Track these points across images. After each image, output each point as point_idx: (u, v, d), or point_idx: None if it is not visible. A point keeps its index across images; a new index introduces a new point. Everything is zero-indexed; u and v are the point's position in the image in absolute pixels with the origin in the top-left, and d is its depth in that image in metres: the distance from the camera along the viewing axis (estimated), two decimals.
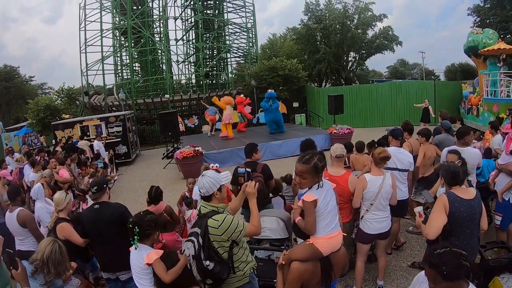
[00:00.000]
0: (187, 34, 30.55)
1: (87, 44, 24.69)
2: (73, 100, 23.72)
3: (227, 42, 29.67)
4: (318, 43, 29.38)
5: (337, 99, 13.87)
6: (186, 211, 4.91)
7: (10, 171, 9.36)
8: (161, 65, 30.61)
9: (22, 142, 19.92)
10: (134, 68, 29.42)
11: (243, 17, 29.00)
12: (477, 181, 5.14)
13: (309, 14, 29.74)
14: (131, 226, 2.73)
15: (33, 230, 3.99)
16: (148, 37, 26.09)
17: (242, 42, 30.12)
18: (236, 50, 30.29)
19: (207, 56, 29.75)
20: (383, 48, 29.93)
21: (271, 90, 14.42)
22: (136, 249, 2.75)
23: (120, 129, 14.57)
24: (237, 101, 15.51)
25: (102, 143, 13.01)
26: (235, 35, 30.40)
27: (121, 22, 26.20)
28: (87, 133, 13.97)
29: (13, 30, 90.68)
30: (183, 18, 30.03)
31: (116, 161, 13.22)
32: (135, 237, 2.72)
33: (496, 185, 4.48)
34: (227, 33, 30.26)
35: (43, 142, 19.00)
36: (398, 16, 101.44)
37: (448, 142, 5.59)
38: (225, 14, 29.90)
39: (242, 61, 32.15)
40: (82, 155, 10.22)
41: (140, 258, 2.71)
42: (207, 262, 2.41)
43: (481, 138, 7.77)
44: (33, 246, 3.90)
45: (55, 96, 24.66)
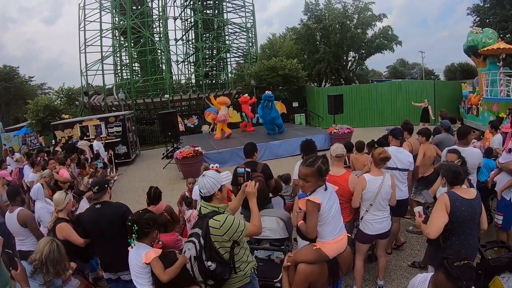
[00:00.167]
0: (186, 34, 30.55)
1: (86, 44, 24.68)
2: (72, 100, 23.69)
3: (227, 42, 29.64)
4: (318, 43, 29.40)
5: (337, 99, 13.87)
6: (186, 211, 4.91)
7: (10, 171, 9.36)
8: (160, 65, 30.62)
9: (21, 142, 19.91)
10: (134, 68, 29.39)
11: (242, 17, 29.02)
12: (477, 180, 5.15)
13: (309, 14, 29.78)
14: (129, 224, 2.73)
15: (34, 229, 3.99)
16: (148, 37, 26.07)
17: (241, 42, 30.12)
18: (236, 50, 30.27)
19: (207, 56, 29.75)
20: (383, 48, 29.96)
21: (269, 92, 14.26)
22: (134, 248, 2.75)
23: (119, 129, 14.55)
24: (241, 101, 15.54)
25: (102, 143, 13.01)
26: (235, 35, 30.40)
27: (121, 22, 26.18)
28: (87, 133, 13.95)
29: (13, 30, 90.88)
30: (183, 18, 30.02)
31: (116, 161, 13.20)
32: (133, 235, 2.72)
33: (496, 184, 4.48)
34: (226, 33, 30.22)
35: (42, 143, 18.99)
36: (398, 15, 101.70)
37: (448, 141, 5.59)
38: (225, 14, 29.88)
39: (241, 61, 32.13)
40: (82, 155, 10.22)
41: (138, 257, 2.71)
42: (208, 263, 2.40)
43: (481, 138, 7.76)
44: (34, 246, 3.89)
45: (54, 96, 24.63)
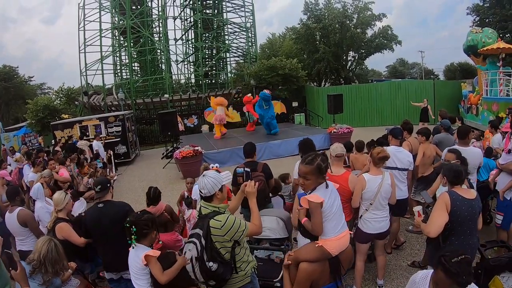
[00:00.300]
0: (186, 33, 30.57)
1: (86, 44, 24.68)
2: (72, 100, 23.69)
3: (226, 42, 29.63)
4: (318, 42, 29.39)
5: (337, 99, 13.86)
6: (186, 211, 4.91)
7: (10, 171, 9.36)
8: (160, 65, 30.64)
9: (21, 142, 19.92)
10: (133, 68, 29.39)
11: (242, 16, 29.05)
12: (477, 180, 5.15)
13: (309, 13, 29.77)
14: (128, 225, 2.73)
15: (34, 229, 3.98)
16: (147, 36, 26.06)
17: (241, 42, 30.14)
18: (236, 49, 30.29)
19: (206, 56, 29.76)
20: (383, 48, 29.95)
21: (266, 91, 14.20)
22: (134, 249, 2.74)
23: (119, 129, 14.54)
24: (245, 101, 15.51)
25: (102, 143, 13.00)
26: (234, 34, 30.41)
27: (120, 22, 26.17)
28: (86, 133, 13.94)
29: (12, 30, 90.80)
30: (182, 17, 30.04)
31: (116, 161, 13.18)
32: (133, 237, 2.71)
33: (497, 185, 4.47)
34: (226, 33, 30.23)
35: (41, 143, 18.97)
36: (398, 15, 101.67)
37: (447, 141, 5.59)
38: (224, 14, 29.91)
39: (241, 61, 32.13)
40: (81, 155, 10.21)
41: (137, 258, 2.71)
42: (210, 263, 2.38)
43: (481, 138, 7.77)
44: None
45: (54, 96, 24.63)
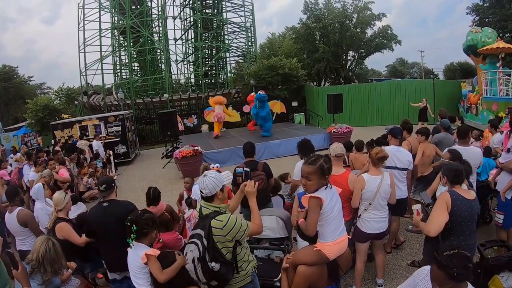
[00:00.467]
0: (186, 33, 30.58)
1: (86, 43, 24.69)
2: (72, 100, 23.68)
3: (226, 42, 29.63)
4: (317, 42, 29.39)
5: (336, 98, 13.87)
6: (187, 210, 4.91)
7: (10, 171, 9.37)
8: (160, 65, 30.64)
9: (21, 142, 19.91)
10: (133, 67, 29.37)
11: (242, 16, 29.05)
12: (476, 179, 5.15)
13: (308, 13, 29.75)
14: (128, 224, 2.73)
15: (34, 229, 3.98)
16: (147, 36, 26.04)
17: (241, 42, 30.17)
18: (235, 49, 30.28)
19: (206, 56, 29.76)
20: (382, 47, 29.92)
21: (262, 91, 14.10)
22: (133, 248, 2.75)
23: (119, 128, 14.53)
24: (249, 99, 15.69)
25: (101, 143, 13.00)
26: (234, 34, 30.43)
27: (120, 22, 26.15)
28: (86, 133, 13.94)
29: (12, 30, 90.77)
30: (182, 17, 30.03)
31: (115, 160, 13.19)
32: (132, 236, 2.72)
33: (497, 184, 4.47)
34: (226, 33, 30.24)
35: (40, 143, 18.96)
36: (397, 15, 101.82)
37: (447, 141, 5.59)
38: (224, 14, 29.89)
39: (241, 61, 32.12)
40: (81, 155, 10.22)
41: (136, 257, 2.72)
42: (212, 264, 2.38)
43: (480, 138, 7.77)
44: None
45: (54, 96, 24.62)
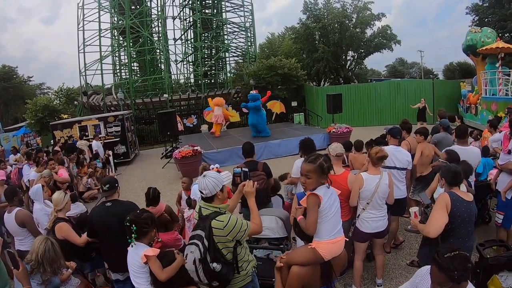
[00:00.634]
0: (185, 33, 30.56)
1: (85, 44, 24.67)
2: (71, 100, 23.68)
3: (226, 42, 29.64)
4: (317, 42, 29.39)
5: (336, 98, 13.88)
6: (187, 210, 4.91)
7: (9, 171, 9.36)
8: (159, 65, 30.65)
9: (20, 142, 19.93)
10: (133, 67, 29.38)
11: (241, 16, 29.06)
12: (476, 179, 5.16)
13: (308, 13, 29.75)
14: (128, 224, 2.73)
15: (32, 230, 3.98)
16: (147, 36, 26.04)
17: (240, 42, 30.19)
18: (235, 49, 30.30)
19: (206, 56, 29.77)
20: (382, 47, 29.93)
21: (254, 91, 14.07)
22: (133, 247, 2.75)
23: (118, 129, 14.52)
24: None
25: (101, 143, 13.00)
26: (234, 34, 30.46)
27: (120, 22, 26.16)
28: (86, 133, 13.93)
29: (12, 30, 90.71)
30: (182, 17, 30.03)
31: (115, 161, 13.18)
32: (132, 235, 2.72)
33: (498, 184, 4.47)
34: (225, 33, 30.25)
35: (39, 143, 18.95)
36: (397, 15, 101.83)
37: (446, 141, 5.59)
38: (224, 14, 29.90)
39: (240, 61, 32.14)
40: (81, 155, 10.22)
41: (136, 256, 2.72)
42: (214, 264, 2.38)
43: (478, 138, 7.77)
44: None
45: (53, 96, 24.63)
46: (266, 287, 3.31)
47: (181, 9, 29.54)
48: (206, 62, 29.78)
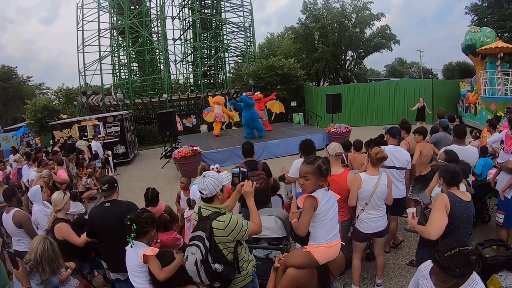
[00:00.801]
0: (184, 33, 30.54)
1: (84, 44, 24.62)
2: (71, 100, 23.66)
3: (225, 42, 29.63)
4: (316, 42, 29.40)
5: (335, 98, 13.89)
6: (187, 210, 4.91)
7: (9, 171, 9.35)
8: (159, 65, 30.63)
9: (20, 142, 19.92)
10: (132, 67, 29.37)
11: (240, 16, 29.01)
12: (475, 179, 5.16)
13: (307, 13, 29.77)
14: (128, 223, 2.73)
15: (29, 231, 3.98)
16: (146, 36, 26.01)
17: (240, 42, 30.16)
18: (234, 49, 30.29)
19: (205, 56, 29.73)
20: (381, 47, 29.94)
21: (246, 93, 13.98)
22: (132, 247, 2.75)
23: (118, 129, 14.52)
24: (255, 99, 14.95)
25: (100, 143, 12.99)
26: (233, 34, 30.41)
27: (119, 22, 26.12)
28: (85, 134, 13.92)
29: (11, 30, 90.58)
30: (181, 17, 30.00)
31: (114, 161, 13.18)
32: (132, 234, 2.72)
33: (497, 184, 4.47)
34: (224, 33, 30.24)
35: (38, 143, 18.95)
36: (396, 15, 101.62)
37: (446, 140, 5.59)
38: (223, 14, 29.86)
39: (240, 61, 32.13)
40: (80, 155, 10.21)
41: (135, 255, 2.72)
42: (216, 265, 2.37)
43: (478, 136, 7.78)
44: None
45: (53, 96, 24.60)
46: (265, 287, 3.31)
47: (180, 9, 29.54)
48: (206, 62, 29.75)
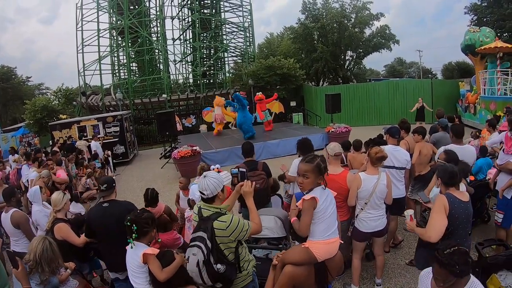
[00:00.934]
0: (184, 33, 30.57)
1: (84, 44, 24.62)
2: (70, 100, 23.63)
3: (224, 42, 29.64)
4: (316, 42, 29.41)
5: (335, 98, 13.89)
6: (188, 210, 4.90)
7: (8, 171, 9.35)
8: (158, 65, 30.64)
9: (19, 142, 19.91)
10: (132, 68, 29.36)
11: (240, 16, 29.03)
12: (475, 178, 5.16)
13: (307, 13, 29.78)
14: (129, 224, 2.73)
15: (26, 231, 3.98)
16: (145, 36, 26.02)
17: (239, 42, 30.16)
18: (233, 49, 30.28)
19: (204, 56, 29.73)
20: (380, 47, 29.96)
21: (239, 92, 14.06)
22: (132, 248, 2.74)
23: (117, 129, 14.51)
24: (256, 99, 14.95)
25: (100, 143, 12.97)
26: (232, 34, 30.42)
27: (118, 22, 26.11)
28: (84, 134, 13.90)
29: (11, 30, 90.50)
30: (180, 17, 30.02)
31: (114, 161, 13.17)
32: (133, 235, 2.72)
33: (497, 184, 4.47)
34: (224, 33, 30.27)
35: (37, 143, 18.93)
36: (396, 14, 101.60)
37: (445, 140, 5.59)
38: (222, 14, 29.88)
39: (239, 61, 32.13)
40: (80, 156, 10.20)
41: (136, 256, 2.71)
42: (218, 266, 2.36)
43: (478, 136, 7.78)
44: (27, 248, 3.85)
45: (52, 96, 24.57)
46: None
47: (179, 9, 29.56)
48: (205, 62, 29.75)
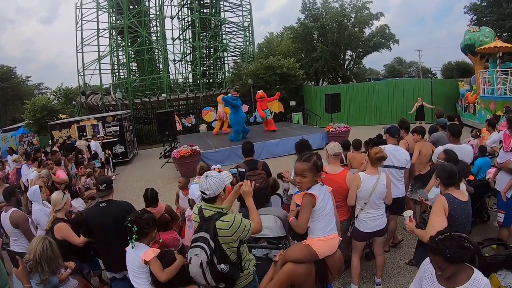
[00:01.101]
0: (183, 33, 30.53)
1: (83, 44, 24.58)
2: (70, 100, 23.61)
3: (224, 41, 29.60)
4: (315, 41, 29.41)
5: (334, 98, 13.90)
6: (189, 210, 4.90)
7: (8, 171, 9.34)
8: (158, 64, 30.60)
9: (18, 142, 19.89)
10: (131, 67, 29.33)
11: (240, 16, 28.97)
12: (474, 178, 5.17)
13: (306, 12, 29.77)
14: (130, 225, 2.73)
15: (25, 231, 3.97)
16: (145, 36, 25.98)
17: (239, 41, 30.12)
18: (233, 49, 30.26)
19: (204, 55, 29.71)
20: (380, 47, 29.97)
21: (232, 94, 14.15)
22: (133, 248, 2.74)
23: (117, 128, 14.51)
24: (257, 97, 14.76)
25: (99, 143, 12.97)
26: (232, 34, 30.39)
27: (118, 22, 26.07)
28: (84, 133, 13.90)
29: (11, 30, 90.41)
30: (180, 17, 30.02)
31: (114, 160, 13.17)
32: (134, 236, 2.72)
33: (496, 183, 4.47)
34: (224, 32, 30.24)
35: (36, 143, 18.91)
36: (395, 14, 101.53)
37: (444, 140, 5.58)
38: (222, 13, 29.83)
39: (239, 60, 32.12)
40: (79, 155, 10.19)
41: (136, 256, 2.71)
42: (221, 266, 2.34)
43: (478, 135, 7.79)
44: (26, 248, 3.84)
45: (52, 96, 24.54)
46: None
47: (179, 9, 29.54)
48: (205, 62, 29.73)
